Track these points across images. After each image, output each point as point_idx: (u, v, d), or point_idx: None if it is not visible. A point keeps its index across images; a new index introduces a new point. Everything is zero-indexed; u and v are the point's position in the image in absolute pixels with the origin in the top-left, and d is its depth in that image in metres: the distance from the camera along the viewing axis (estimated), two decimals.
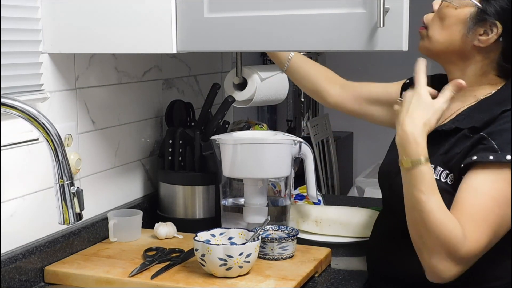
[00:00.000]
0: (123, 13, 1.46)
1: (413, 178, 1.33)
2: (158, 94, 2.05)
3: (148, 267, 1.52)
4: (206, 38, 1.43)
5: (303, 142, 1.76)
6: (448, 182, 1.40)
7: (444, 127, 1.46)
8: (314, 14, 1.35)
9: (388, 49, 1.30)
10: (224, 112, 1.90)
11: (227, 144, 1.72)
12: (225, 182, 1.79)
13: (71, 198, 1.28)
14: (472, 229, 1.30)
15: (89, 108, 1.73)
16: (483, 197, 1.32)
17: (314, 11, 1.35)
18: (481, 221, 1.31)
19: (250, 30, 1.40)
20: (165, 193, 1.92)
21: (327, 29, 1.34)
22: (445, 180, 1.41)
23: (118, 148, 1.86)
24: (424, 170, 1.33)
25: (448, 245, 1.30)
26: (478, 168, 1.34)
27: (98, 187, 1.78)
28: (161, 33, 1.43)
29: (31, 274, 1.51)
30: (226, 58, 2.44)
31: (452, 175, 1.40)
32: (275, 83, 2.01)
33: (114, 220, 1.71)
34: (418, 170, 1.33)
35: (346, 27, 1.32)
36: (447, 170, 1.41)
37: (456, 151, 1.40)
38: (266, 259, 1.58)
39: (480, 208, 1.32)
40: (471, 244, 1.30)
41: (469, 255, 1.31)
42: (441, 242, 1.30)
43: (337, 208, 1.89)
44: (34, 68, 1.54)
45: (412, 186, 1.33)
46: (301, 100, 4.48)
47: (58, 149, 1.26)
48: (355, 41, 1.32)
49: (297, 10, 1.36)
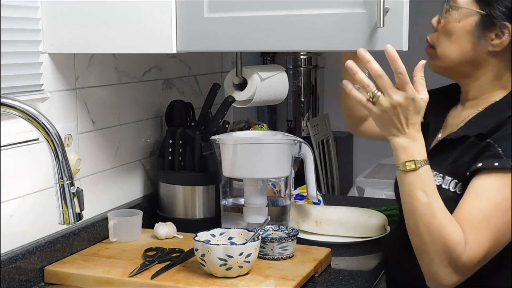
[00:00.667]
0: (123, 13, 1.46)
1: (418, 178, 1.32)
2: (158, 94, 2.05)
3: (148, 267, 1.52)
4: (206, 38, 1.43)
5: (303, 142, 1.76)
6: (457, 192, 1.40)
7: (453, 136, 1.46)
8: (314, 14, 1.35)
9: None
10: (224, 112, 1.90)
11: (227, 144, 1.72)
12: (225, 182, 1.79)
13: (71, 198, 1.28)
14: (473, 233, 1.30)
15: (89, 108, 1.73)
16: (486, 201, 1.31)
17: (314, 11, 1.35)
18: (483, 225, 1.30)
19: (250, 30, 1.40)
20: (165, 193, 1.92)
21: (327, 29, 1.34)
22: (454, 189, 1.41)
23: (118, 148, 1.86)
24: (428, 169, 1.33)
25: (449, 250, 1.29)
26: (483, 174, 1.33)
27: (98, 187, 1.78)
28: (161, 33, 1.43)
29: (31, 274, 1.51)
30: (226, 58, 2.44)
31: (460, 184, 1.40)
32: (275, 83, 2.01)
33: (114, 220, 1.71)
34: (424, 169, 1.32)
35: (346, 27, 1.32)
36: (455, 179, 1.41)
37: (464, 159, 1.40)
38: (266, 259, 1.58)
39: (482, 213, 1.31)
40: (471, 250, 1.29)
41: (469, 261, 1.30)
42: (441, 247, 1.29)
43: (337, 208, 1.88)
44: (34, 68, 1.54)
45: (415, 189, 1.32)
46: (301, 100, 4.48)
47: (58, 149, 1.26)
48: (355, 41, 1.32)
49: (297, 10, 1.36)
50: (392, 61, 1.27)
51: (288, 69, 4.35)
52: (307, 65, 4.45)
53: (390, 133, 1.34)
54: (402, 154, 1.34)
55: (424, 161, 1.33)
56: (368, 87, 1.31)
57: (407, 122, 1.32)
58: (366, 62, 1.29)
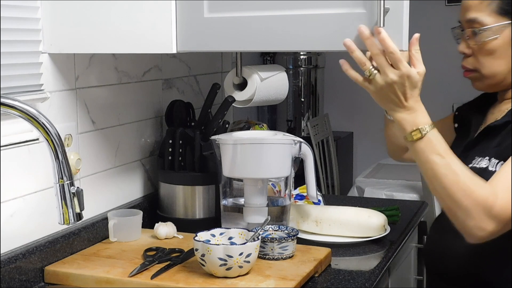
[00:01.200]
0: (123, 13, 1.46)
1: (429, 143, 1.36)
2: (158, 94, 2.05)
3: (148, 267, 1.52)
4: (206, 38, 1.43)
5: (303, 142, 1.76)
6: None
7: (496, 123, 1.52)
8: (314, 14, 1.35)
9: None
10: (224, 112, 1.90)
11: (227, 144, 1.72)
12: (225, 182, 1.79)
13: (71, 198, 1.28)
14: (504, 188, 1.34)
15: (89, 108, 1.73)
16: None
17: (314, 11, 1.35)
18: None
19: (250, 30, 1.40)
20: (165, 193, 1.92)
21: (327, 29, 1.34)
22: None
23: (118, 148, 1.86)
24: (436, 133, 1.37)
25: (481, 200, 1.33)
26: None
27: (98, 187, 1.78)
28: (161, 33, 1.43)
29: (31, 274, 1.51)
30: (226, 58, 2.44)
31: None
32: (275, 83, 2.01)
33: (114, 220, 1.71)
34: (431, 134, 1.36)
35: (346, 27, 1.32)
36: (502, 160, 1.44)
37: (507, 142, 1.45)
38: (266, 259, 1.58)
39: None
40: (503, 200, 1.33)
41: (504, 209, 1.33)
42: (473, 199, 1.33)
43: (337, 208, 1.88)
44: (34, 68, 1.54)
45: (429, 153, 1.36)
46: (301, 100, 4.48)
47: (58, 149, 1.26)
48: (355, 41, 1.32)
49: (297, 10, 1.36)
50: (381, 41, 1.29)
51: (288, 69, 4.35)
52: (307, 65, 4.45)
53: (390, 108, 1.39)
54: (406, 125, 1.38)
55: (429, 126, 1.37)
56: (365, 65, 1.34)
57: (405, 96, 1.35)
58: (365, 38, 1.30)
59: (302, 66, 4.44)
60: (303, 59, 4.44)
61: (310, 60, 4.46)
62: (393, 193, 3.32)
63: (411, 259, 2.16)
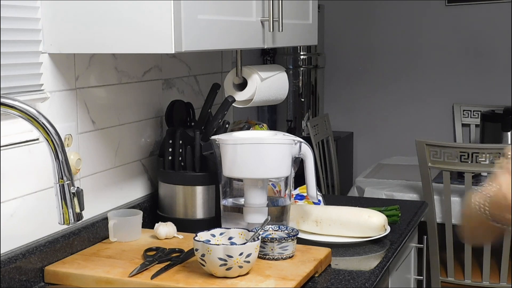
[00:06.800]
0: (123, 13, 1.46)
1: None
2: (158, 94, 2.05)
3: (148, 267, 1.52)
4: (206, 38, 1.43)
5: (303, 142, 1.76)
6: None
7: None
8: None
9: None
10: (224, 112, 1.90)
11: (227, 144, 1.72)
12: (225, 182, 1.79)
13: (71, 198, 1.28)
14: None
15: (89, 108, 1.73)
16: None
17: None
18: None
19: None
20: (165, 193, 1.92)
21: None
22: None
23: (118, 148, 1.86)
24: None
25: None
26: None
27: (98, 187, 1.78)
28: (160, 33, 1.43)
29: (31, 274, 1.51)
30: (226, 58, 2.44)
31: None
32: (275, 83, 2.01)
33: (114, 220, 1.71)
34: None
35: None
36: None
37: None
38: (266, 259, 1.58)
39: None
40: None
41: None
42: None
43: (337, 208, 1.88)
44: (34, 68, 1.54)
45: None
46: (301, 100, 4.48)
47: (58, 149, 1.26)
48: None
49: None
50: None
51: (288, 69, 4.34)
52: (307, 65, 4.45)
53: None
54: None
55: None
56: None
57: None
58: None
59: (302, 66, 4.43)
60: (303, 59, 4.44)
61: (310, 60, 4.46)
62: (393, 193, 3.31)
63: (411, 259, 2.16)
